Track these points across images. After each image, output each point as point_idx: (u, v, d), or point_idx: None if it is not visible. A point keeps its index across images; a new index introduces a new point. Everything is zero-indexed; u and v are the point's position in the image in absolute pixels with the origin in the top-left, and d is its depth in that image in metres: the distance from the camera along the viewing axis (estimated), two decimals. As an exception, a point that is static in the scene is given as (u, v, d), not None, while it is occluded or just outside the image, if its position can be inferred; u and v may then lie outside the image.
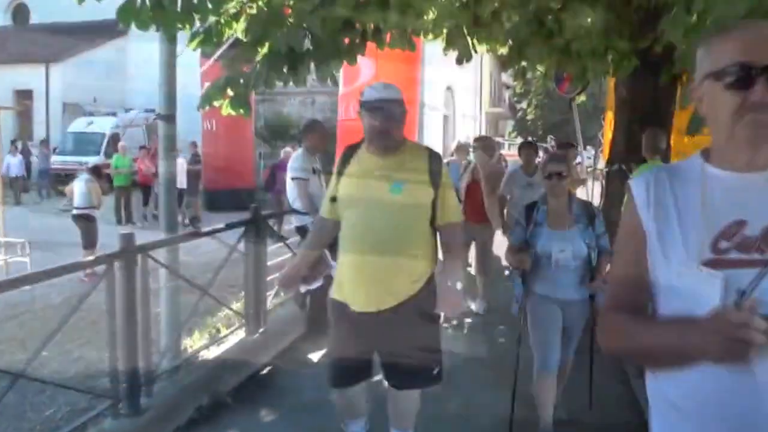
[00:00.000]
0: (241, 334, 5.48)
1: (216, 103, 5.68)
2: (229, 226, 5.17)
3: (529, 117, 53.59)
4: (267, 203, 13.09)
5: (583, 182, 9.84)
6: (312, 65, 4.94)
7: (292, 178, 6.04)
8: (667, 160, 6.39)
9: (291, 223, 6.35)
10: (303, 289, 6.31)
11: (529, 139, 14.25)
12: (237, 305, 6.05)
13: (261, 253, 5.59)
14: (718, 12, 3.20)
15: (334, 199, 3.33)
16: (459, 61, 7.77)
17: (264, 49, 5.19)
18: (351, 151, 3.35)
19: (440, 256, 3.43)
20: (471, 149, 9.12)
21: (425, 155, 3.26)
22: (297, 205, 6.09)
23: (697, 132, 2.81)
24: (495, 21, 7.17)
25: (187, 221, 15.16)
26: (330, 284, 6.31)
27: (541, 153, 10.58)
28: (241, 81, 5.36)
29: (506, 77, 54.56)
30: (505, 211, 7.24)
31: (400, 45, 7.19)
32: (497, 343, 6.31)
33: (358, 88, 11.28)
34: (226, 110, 5.71)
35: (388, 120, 3.11)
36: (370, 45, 6.39)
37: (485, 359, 5.85)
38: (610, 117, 11.13)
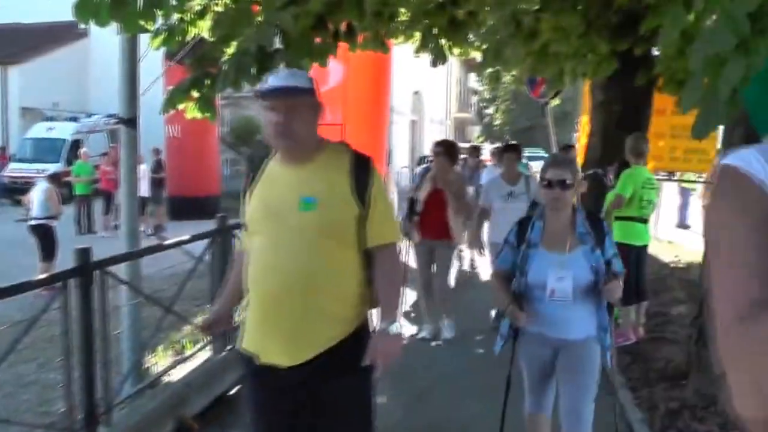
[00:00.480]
0: (207, 352, 5.15)
1: (180, 106, 5.39)
2: (194, 238, 4.84)
3: (496, 122, 53.78)
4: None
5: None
6: (282, 65, 4.64)
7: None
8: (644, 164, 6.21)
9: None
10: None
11: (511, 141, 12.87)
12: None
13: (228, 265, 5.27)
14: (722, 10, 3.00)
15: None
16: (434, 64, 7.57)
17: (231, 49, 4.90)
18: (260, 161, 2.65)
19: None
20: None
21: (346, 159, 2.50)
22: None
23: (704, 135, 2.57)
24: (471, 22, 6.97)
25: (150, 230, 14.74)
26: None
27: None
28: (207, 82, 5.06)
29: (473, 83, 54.70)
30: (486, 224, 6.61)
31: (372, 47, 6.96)
32: (476, 368, 5.89)
33: (326, 93, 11.02)
34: (191, 113, 5.42)
35: (290, 114, 2.37)
36: (342, 46, 6.15)
37: (462, 376, 5.60)
38: (584, 121, 11.04)
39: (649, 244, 6.01)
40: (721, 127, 9.93)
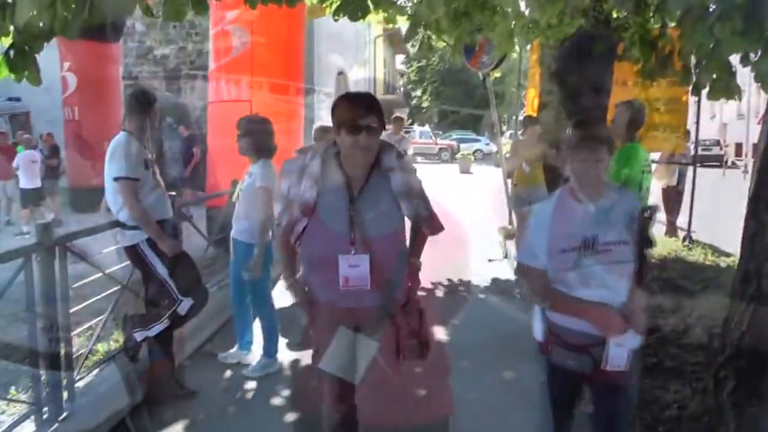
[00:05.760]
0: (30, 424, 3.50)
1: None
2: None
3: (424, 105, 52.65)
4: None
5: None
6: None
7: (116, 178, 4.10)
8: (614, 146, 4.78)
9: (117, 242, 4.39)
10: (140, 336, 4.43)
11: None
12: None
13: (59, 294, 3.63)
14: None
15: None
16: (353, 18, 6.06)
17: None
18: None
19: None
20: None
21: None
22: (124, 216, 4.16)
23: None
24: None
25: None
26: (177, 325, 4.47)
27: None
28: (11, 25, 3.41)
29: (400, 64, 53.42)
30: None
31: (274, -3, 5.35)
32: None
33: (228, 63, 9.31)
34: (2, 74, 3.75)
35: None
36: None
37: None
38: (532, 95, 9.71)
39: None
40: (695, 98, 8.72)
